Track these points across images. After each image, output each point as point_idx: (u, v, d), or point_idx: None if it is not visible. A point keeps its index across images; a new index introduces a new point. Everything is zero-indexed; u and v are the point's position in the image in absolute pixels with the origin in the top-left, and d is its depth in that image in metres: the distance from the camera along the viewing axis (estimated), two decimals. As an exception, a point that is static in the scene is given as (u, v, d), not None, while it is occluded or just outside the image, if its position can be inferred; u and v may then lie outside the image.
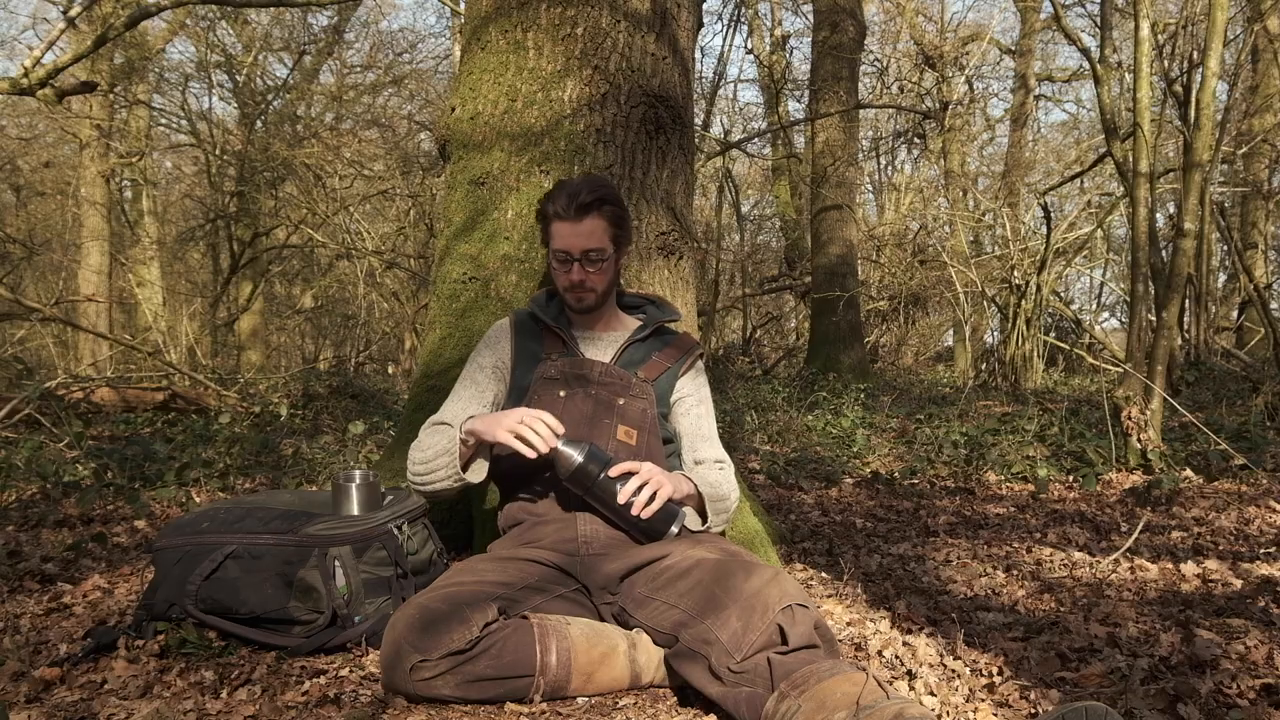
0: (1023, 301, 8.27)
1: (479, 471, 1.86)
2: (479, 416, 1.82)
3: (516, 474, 1.90)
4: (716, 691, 1.46)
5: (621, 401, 1.90)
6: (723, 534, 1.96)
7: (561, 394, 1.89)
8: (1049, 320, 9.96)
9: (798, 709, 1.32)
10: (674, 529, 1.78)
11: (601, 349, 1.99)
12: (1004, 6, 19.73)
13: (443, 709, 1.53)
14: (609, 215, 1.91)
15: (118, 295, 12.57)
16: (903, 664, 1.71)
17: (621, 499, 1.73)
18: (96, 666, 1.68)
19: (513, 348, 2.00)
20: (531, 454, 1.72)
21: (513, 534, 1.88)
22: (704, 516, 1.88)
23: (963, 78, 12.82)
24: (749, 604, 1.47)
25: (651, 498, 1.73)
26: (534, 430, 1.72)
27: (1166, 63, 7.34)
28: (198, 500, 3.29)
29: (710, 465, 1.95)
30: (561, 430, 1.75)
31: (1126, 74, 10.02)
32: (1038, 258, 8.34)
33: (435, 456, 1.84)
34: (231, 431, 4.58)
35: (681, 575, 1.62)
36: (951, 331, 13.32)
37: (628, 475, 1.74)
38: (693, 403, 2.01)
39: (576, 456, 1.73)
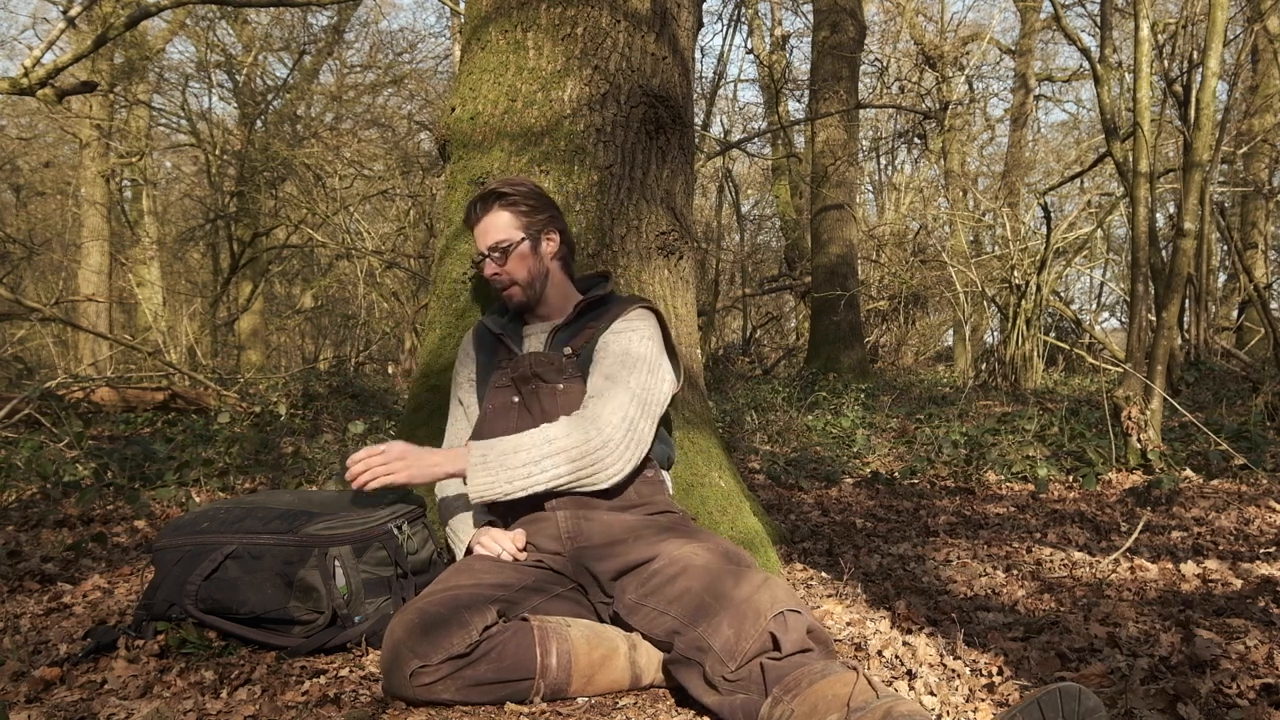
0: (1023, 301, 8.27)
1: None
2: (479, 543, 1.85)
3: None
4: (712, 700, 1.46)
5: (560, 385, 1.87)
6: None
7: (515, 399, 1.89)
8: (1049, 320, 9.97)
9: (791, 714, 1.32)
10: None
11: (540, 339, 1.97)
12: (1004, 6, 19.74)
13: (443, 709, 1.53)
14: (508, 205, 1.94)
15: (118, 295, 12.58)
16: (903, 664, 1.71)
17: (351, 467, 1.75)
18: (96, 666, 1.68)
19: (475, 362, 2.03)
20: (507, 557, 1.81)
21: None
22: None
23: (963, 78, 12.83)
24: (740, 611, 1.46)
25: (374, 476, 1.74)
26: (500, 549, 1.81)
27: (1166, 63, 7.34)
28: (198, 500, 3.28)
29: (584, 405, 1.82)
30: (518, 546, 1.81)
31: (1126, 74, 10.02)
32: (1038, 258, 8.34)
33: (449, 534, 1.96)
34: (231, 431, 4.57)
35: (669, 581, 1.59)
36: (951, 331, 13.33)
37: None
38: (603, 355, 1.87)
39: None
